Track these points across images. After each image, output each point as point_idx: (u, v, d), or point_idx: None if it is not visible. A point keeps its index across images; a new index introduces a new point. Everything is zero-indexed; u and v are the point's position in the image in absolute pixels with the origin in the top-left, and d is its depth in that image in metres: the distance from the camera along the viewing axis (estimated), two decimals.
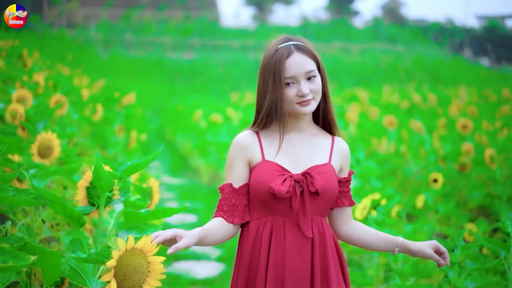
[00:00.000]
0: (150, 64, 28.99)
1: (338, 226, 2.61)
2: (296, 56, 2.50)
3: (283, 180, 2.43)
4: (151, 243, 2.04)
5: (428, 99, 14.76)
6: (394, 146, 8.85)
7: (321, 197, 2.47)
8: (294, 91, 2.49)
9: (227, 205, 2.50)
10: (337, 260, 2.53)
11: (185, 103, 17.60)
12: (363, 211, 3.68)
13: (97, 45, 29.74)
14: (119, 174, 2.54)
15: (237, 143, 2.54)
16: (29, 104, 4.96)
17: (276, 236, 2.46)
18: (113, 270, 1.90)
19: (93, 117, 6.23)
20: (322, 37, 36.33)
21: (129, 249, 1.92)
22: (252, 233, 2.49)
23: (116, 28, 33.37)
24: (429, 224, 5.51)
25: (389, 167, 8.73)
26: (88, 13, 34.93)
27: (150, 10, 37.07)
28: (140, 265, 1.94)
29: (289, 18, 51.51)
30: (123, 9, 35.76)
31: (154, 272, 1.98)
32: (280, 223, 2.46)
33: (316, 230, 2.48)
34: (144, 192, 3.14)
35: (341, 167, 2.61)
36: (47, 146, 3.61)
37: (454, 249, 2.84)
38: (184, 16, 37.00)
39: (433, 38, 39.37)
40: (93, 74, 17.71)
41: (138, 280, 1.93)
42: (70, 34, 29.00)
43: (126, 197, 2.62)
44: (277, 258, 2.44)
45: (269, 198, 2.45)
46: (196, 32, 34.52)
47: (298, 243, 2.45)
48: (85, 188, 2.52)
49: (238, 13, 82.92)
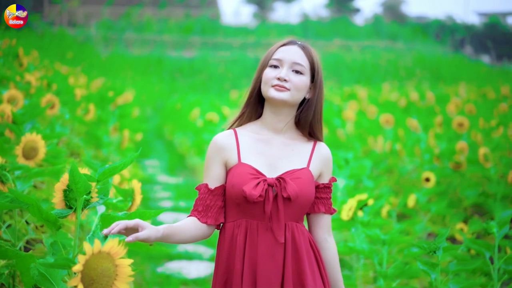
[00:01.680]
0: (150, 62, 29.00)
1: (313, 232, 2.59)
2: (294, 47, 2.53)
3: (256, 183, 2.42)
4: (112, 231, 2.08)
5: (426, 97, 14.73)
6: (389, 144, 8.83)
7: (294, 202, 2.44)
8: (274, 73, 2.50)
9: (201, 206, 2.50)
10: (315, 264, 2.50)
11: (183, 101, 17.59)
12: (349, 212, 3.66)
13: (98, 44, 29.74)
14: (96, 177, 2.53)
15: (215, 144, 2.53)
16: (20, 105, 4.94)
17: (250, 239, 2.45)
18: (80, 274, 1.88)
19: (86, 116, 6.21)
20: (322, 34, 36.34)
21: (96, 253, 1.91)
22: (228, 235, 2.49)
23: (117, 26, 33.39)
24: (420, 223, 5.50)
25: (385, 166, 8.72)
26: (88, 11, 34.93)
27: (150, 8, 37.06)
28: (108, 269, 1.92)
29: (289, 16, 51.47)
30: (123, 7, 35.77)
31: (122, 275, 1.96)
32: (253, 227, 2.46)
33: (289, 236, 2.45)
34: (126, 194, 3.13)
35: (320, 172, 2.57)
36: (32, 148, 3.59)
37: (435, 250, 2.83)
38: (185, 14, 37.00)
39: (434, 36, 39.32)
40: (93, 72, 17.72)
41: (106, 283, 1.92)
42: (71, 32, 29.01)
43: (104, 200, 2.60)
44: (251, 261, 2.43)
45: (242, 201, 2.44)
46: (197, 30, 34.53)
47: (270, 247, 2.44)
48: (62, 191, 2.50)
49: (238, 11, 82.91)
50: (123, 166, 2.58)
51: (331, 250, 2.58)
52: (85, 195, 2.51)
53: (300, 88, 2.50)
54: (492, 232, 3.33)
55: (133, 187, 3.19)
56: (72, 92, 6.88)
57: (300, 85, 2.50)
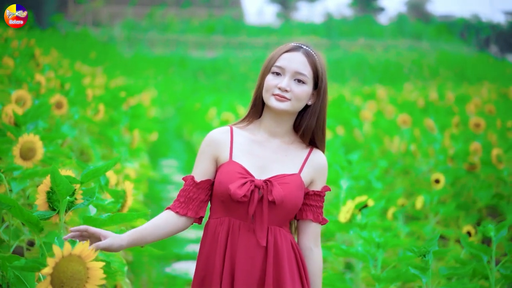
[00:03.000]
0: (173, 62, 29.11)
1: (299, 239, 2.56)
2: (297, 54, 2.48)
3: (242, 183, 2.40)
4: (70, 236, 2.11)
5: (445, 97, 14.60)
6: (404, 145, 8.76)
7: (279, 207, 2.42)
8: (276, 81, 2.46)
9: (184, 197, 2.49)
10: (296, 271, 2.47)
11: (202, 101, 17.63)
12: (347, 214, 3.63)
13: (121, 44, 29.94)
14: (80, 179, 2.53)
15: (209, 139, 2.53)
16: (28, 105, 4.97)
17: (231, 239, 2.44)
18: (50, 277, 1.89)
19: (95, 117, 6.24)
20: (346, 34, 36.20)
21: (66, 255, 1.91)
22: (211, 232, 2.48)
23: (140, 27, 33.57)
24: (428, 226, 5.45)
25: (400, 166, 8.65)
26: (112, 11, 35.16)
27: (173, 8, 37.21)
28: (78, 272, 1.92)
29: (313, 15, 51.36)
30: (147, 7, 35.95)
31: (93, 278, 1.96)
32: (236, 226, 2.44)
33: (272, 239, 2.43)
34: (118, 195, 3.13)
35: (312, 179, 2.53)
36: (30, 148, 3.60)
37: (425, 254, 2.79)
38: (208, 14, 37.09)
39: (459, 35, 38.99)
40: (115, 72, 17.81)
41: (76, 286, 1.92)
42: (94, 32, 29.24)
43: (90, 202, 2.60)
44: (231, 261, 2.42)
45: (227, 199, 2.43)
46: (219, 30, 34.60)
47: (250, 249, 2.42)
48: (45, 193, 2.51)
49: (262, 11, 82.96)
50: (106, 168, 2.58)
51: (315, 260, 2.53)
52: (69, 196, 2.52)
53: (301, 98, 2.47)
54: (489, 235, 3.28)
55: (125, 188, 3.19)
56: (84, 93, 6.91)
57: (301, 95, 2.46)
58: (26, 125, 4.17)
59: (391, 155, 9.11)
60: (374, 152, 9.74)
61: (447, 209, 5.58)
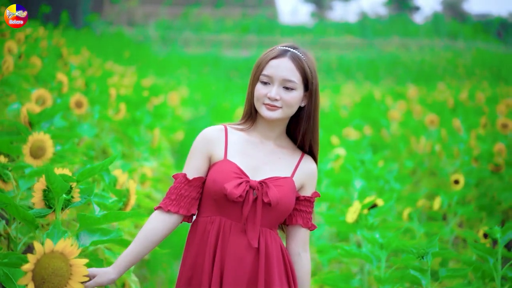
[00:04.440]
0: (206, 62, 29.21)
1: (288, 244, 2.56)
2: (284, 61, 2.45)
3: (238, 183, 2.39)
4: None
5: (475, 97, 14.43)
6: (430, 145, 8.68)
7: (273, 209, 2.42)
8: (265, 91, 2.45)
9: (175, 194, 2.46)
10: (284, 275, 2.46)
11: (232, 101, 17.66)
12: (354, 214, 3.62)
13: (155, 43, 30.14)
14: (76, 177, 2.56)
15: (203, 136, 2.52)
16: (48, 104, 5.03)
17: (222, 239, 2.42)
18: (31, 273, 1.91)
19: (116, 116, 6.30)
20: (380, 33, 35.95)
21: (48, 252, 1.94)
22: (200, 231, 2.46)
23: (174, 26, 33.77)
24: (446, 227, 5.40)
25: (425, 167, 8.59)
26: (147, 11, 35.42)
27: (208, 8, 37.36)
28: (60, 268, 1.95)
29: (347, 14, 51.11)
30: (181, 7, 36.14)
31: (76, 274, 1.99)
32: (227, 226, 2.43)
33: (263, 241, 2.42)
34: (121, 194, 3.16)
35: (302, 185, 2.53)
36: (39, 147, 3.64)
37: (424, 256, 2.77)
38: (242, 13, 37.15)
39: (495, 34, 38.44)
40: (148, 72, 17.94)
41: (58, 283, 1.95)
42: (129, 32, 29.49)
43: (86, 200, 2.63)
44: (220, 261, 2.41)
45: (221, 198, 2.41)
46: (253, 30, 34.63)
47: (240, 250, 2.41)
48: (41, 191, 2.54)
49: (296, 10, 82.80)
50: (102, 167, 2.61)
51: (303, 266, 2.53)
52: (65, 195, 2.55)
53: (292, 104, 2.46)
54: (495, 237, 3.25)
55: (129, 187, 3.22)
56: (107, 92, 6.98)
57: (292, 102, 2.45)
58: (40, 124, 4.23)
59: (417, 156, 9.04)
60: (401, 152, 9.69)
61: (466, 210, 5.52)
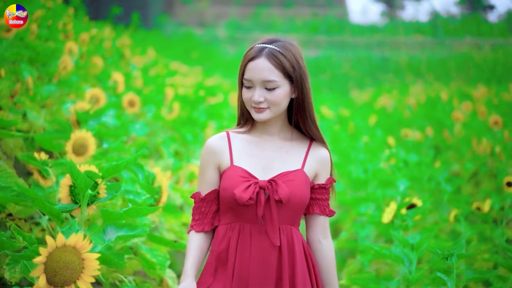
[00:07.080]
0: None
1: (308, 233, 2.56)
2: (260, 61, 2.46)
3: (246, 186, 2.41)
4: None
5: None
6: (490, 147, 8.50)
7: (287, 205, 2.42)
8: (249, 95, 2.48)
9: (198, 214, 2.52)
10: (306, 270, 2.47)
11: None
12: (389, 215, 3.59)
13: (224, 43, 30.38)
14: (101, 174, 2.64)
15: (207, 148, 2.54)
16: (102, 103, 5.18)
17: (243, 243, 2.43)
18: (43, 266, 1.99)
19: (169, 115, 6.41)
20: (452, 32, 35.26)
21: (60, 246, 2.01)
22: (221, 238, 2.48)
23: (244, 26, 33.95)
24: (497, 229, 5.29)
25: (486, 169, 8.41)
26: (218, 11, 35.73)
27: (277, 8, 37.42)
28: (71, 262, 2.01)
29: (419, 13, 50.36)
30: (251, 7, 36.31)
31: (88, 268, 2.05)
32: (246, 230, 2.44)
33: (285, 239, 2.43)
34: (153, 191, 3.23)
35: (316, 173, 2.53)
36: (81, 145, 3.76)
37: (448, 257, 2.74)
38: (311, 13, 37.07)
39: None
40: (214, 72, 18.10)
41: (70, 276, 2.02)
42: (199, 32, 29.81)
43: (113, 196, 2.71)
44: (242, 265, 2.42)
45: (234, 204, 2.43)
46: (323, 30, 34.52)
47: (264, 251, 2.42)
48: (68, 186, 2.63)
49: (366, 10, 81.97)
50: (126, 163, 2.68)
51: (326, 253, 2.53)
52: (91, 190, 2.63)
53: (278, 102, 2.47)
54: None
55: (161, 184, 3.29)
56: (163, 92, 7.11)
57: (277, 100, 2.46)
58: (87, 122, 4.35)
59: (478, 157, 8.87)
60: (464, 154, 9.52)
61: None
